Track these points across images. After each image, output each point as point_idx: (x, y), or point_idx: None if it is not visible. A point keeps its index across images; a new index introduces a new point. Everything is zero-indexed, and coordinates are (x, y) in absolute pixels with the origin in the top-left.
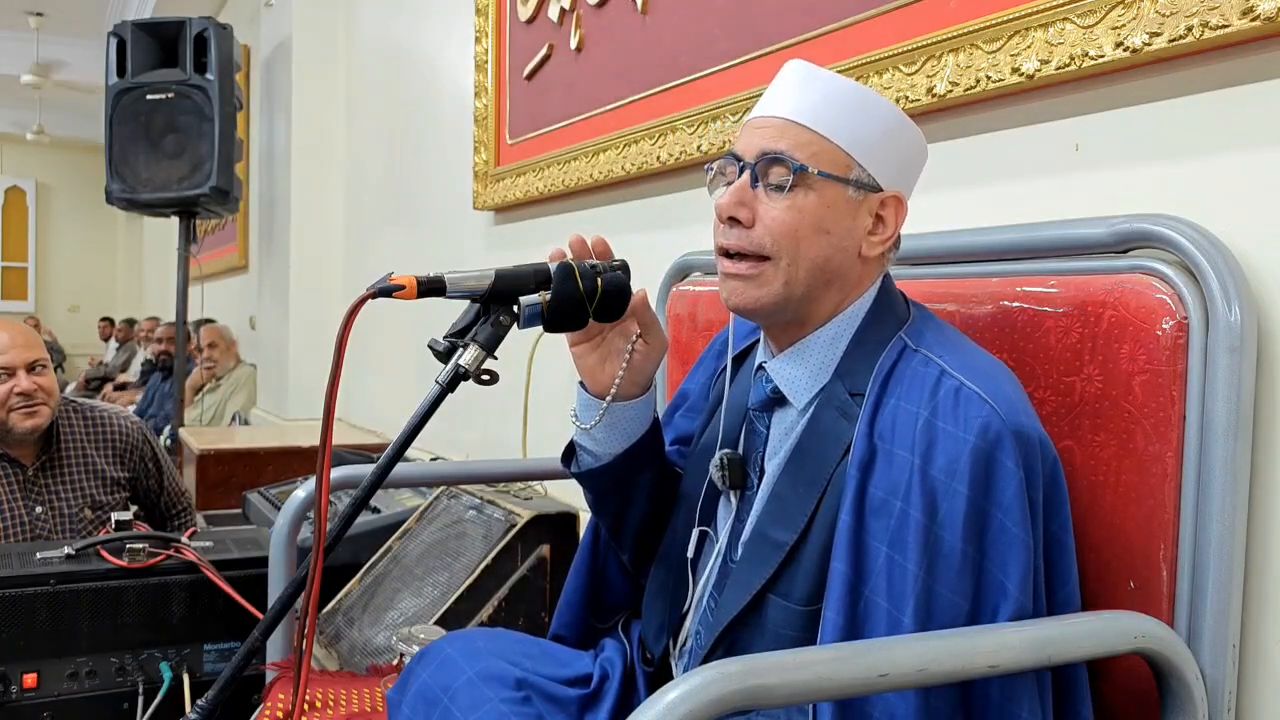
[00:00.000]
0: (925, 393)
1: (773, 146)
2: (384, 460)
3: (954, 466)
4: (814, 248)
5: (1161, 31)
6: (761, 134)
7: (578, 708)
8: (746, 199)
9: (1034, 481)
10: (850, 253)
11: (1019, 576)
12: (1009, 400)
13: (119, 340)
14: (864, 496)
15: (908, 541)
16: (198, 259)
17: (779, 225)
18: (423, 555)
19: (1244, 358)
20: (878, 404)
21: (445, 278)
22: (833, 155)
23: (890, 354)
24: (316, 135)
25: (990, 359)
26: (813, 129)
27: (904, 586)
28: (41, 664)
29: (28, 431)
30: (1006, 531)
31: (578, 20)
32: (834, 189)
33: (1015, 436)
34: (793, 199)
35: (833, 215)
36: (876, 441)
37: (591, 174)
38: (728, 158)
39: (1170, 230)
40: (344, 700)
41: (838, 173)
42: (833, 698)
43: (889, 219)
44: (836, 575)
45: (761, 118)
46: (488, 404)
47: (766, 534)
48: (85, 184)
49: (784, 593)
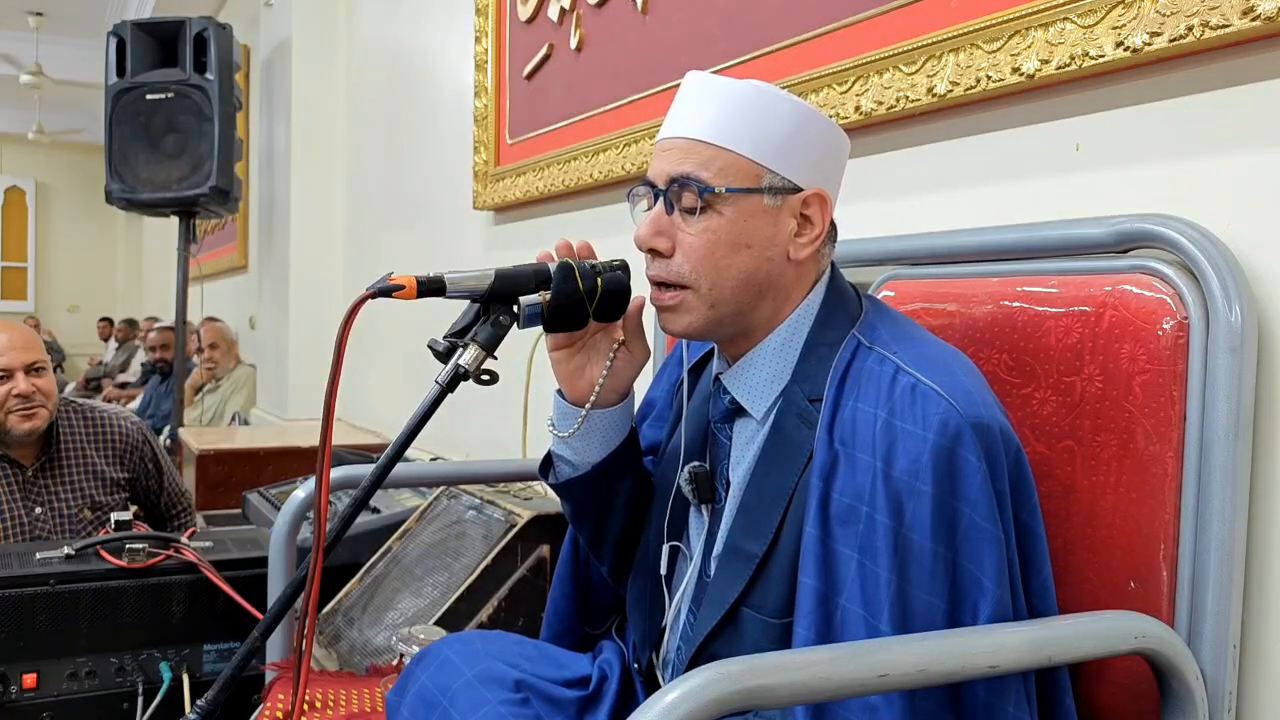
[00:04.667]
0: (882, 392)
1: (678, 170)
2: (384, 460)
3: (916, 466)
4: (735, 265)
5: (1161, 31)
6: (668, 157)
7: (576, 709)
8: (663, 227)
9: (998, 473)
10: (777, 260)
11: (994, 570)
12: (966, 392)
13: (119, 340)
14: (828, 505)
15: (877, 547)
16: (198, 259)
17: (695, 252)
18: (423, 555)
19: (1244, 358)
20: (836, 407)
21: (445, 278)
22: (740, 167)
23: (844, 354)
24: (316, 135)
25: (946, 349)
26: (715, 144)
27: (878, 593)
28: (41, 664)
29: (26, 433)
30: (976, 526)
31: (578, 20)
32: (748, 202)
33: (975, 429)
34: (706, 222)
35: (751, 228)
36: (838, 447)
37: (591, 174)
38: (643, 183)
39: (1170, 230)
40: (344, 700)
41: (748, 184)
42: (833, 697)
43: (814, 217)
44: (805, 589)
45: (667, 139)
46: (488, 404)
47: (738, 546)
48: (85, 184)
49: (757, 605)
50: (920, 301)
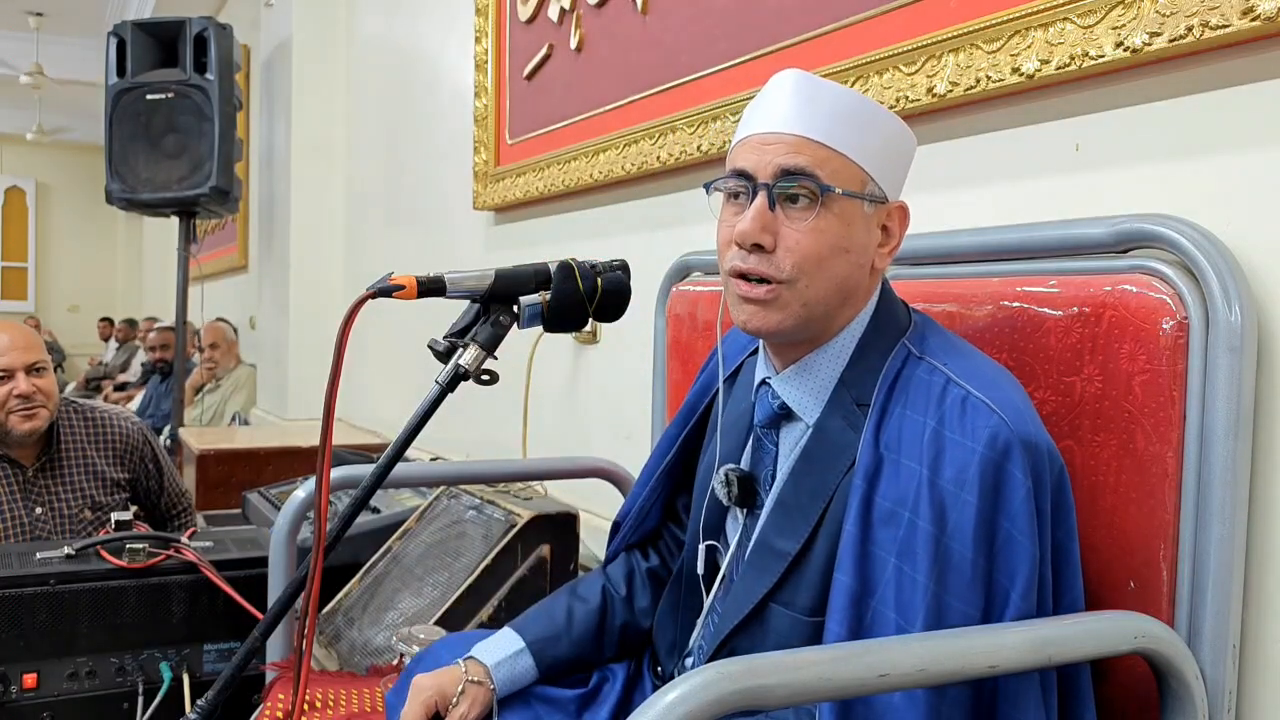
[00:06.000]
0: (932, 402)
1: (792, 164)
2: (384, 460)
3: (963, 476)
4: (835, 268)
5: (1161, 31)
6: (774, 151)
7: (576, 707)
8: (768, 222)
9: (1042, 491)
10: (865, 268)
11: (1024, 585)
12: (1016, 409)
13: (119, 340)
14: (870, 506)
15: (917, 552)
16: (198, 259)
17: (803, 250)
18: (423, 555)
19: (1244, 358)
20: (883, 413)
21: (445, 278)
22: (850, 171)
23: (894, 362)
24: (316, 135)
25: (995, 365)
26: (828, 145)
27: (914, 598)
28: (41, 664)
29: (26, 434)
30: (1014, 540)
31: (578, 20)
32: (854, 206)
33: (1023, 446)
34: (817, 221)
35: (852, 233)
36: (883, 451)
37: (591, 174)
38: (734, 176)
39: (1170, 230)
40: (344, 700)
41: (855, 189)
42: (833, 698)
43: (894, 229)
44: (840, 587)
45: (771, 134)
46: (488, 404)
47: (770, 543)
48: (85, 184)
49: (787, 601)
50: (920, 301)
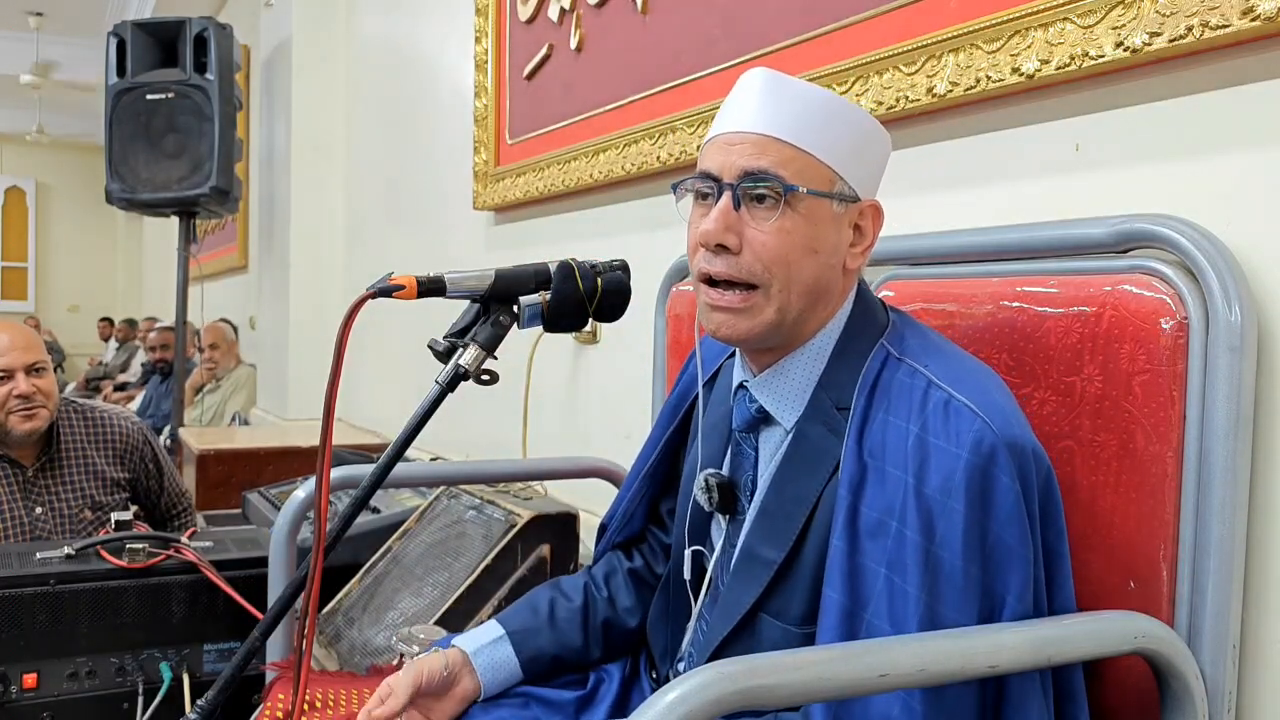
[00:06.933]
0: (914, 406)
1: (755, 164)
2: (384, 460)
3: (949, 484)
4: (805, 269)
5: (1161, 31)
6: (738, 151)
7: (574, 708)
8: (732, 223)
9: (1030, 493)
10: (837, 268)
11: (1019, 589)
12: (1000, 410)
13: (119, 340)
14: (856, 518)
15: (907, 563)
16: (198, 259)
17: (770, 251)
18: (423, 555)
19: (1244, 358)
20: (865, 419)
21: (445, 278)
22: (816, 171)
23: (874, 364)
24: (316, 135)
25: (976, 364)
26: (793, 143)
27: (906, 610)
28: (41, 664)
29: (26, 434)
30: (1006, 547)
31: (578, 20)
32: (821, 206)
33: (1009, 449)
34: (782, 221)
35: (820, 233)
36: (867, 459)
37: (591, 174)
38: (700, 177)
39: (1170, 230)
40: (344, 700)
41: (823, 188)
42: (832, 698)
43: (867, 228)
44: (830, 603)
45: (736, 134)
46: (488, 404)
47: (755, 552)
48: (85, 184)
49: (777, 612)
50: (920, 301)
